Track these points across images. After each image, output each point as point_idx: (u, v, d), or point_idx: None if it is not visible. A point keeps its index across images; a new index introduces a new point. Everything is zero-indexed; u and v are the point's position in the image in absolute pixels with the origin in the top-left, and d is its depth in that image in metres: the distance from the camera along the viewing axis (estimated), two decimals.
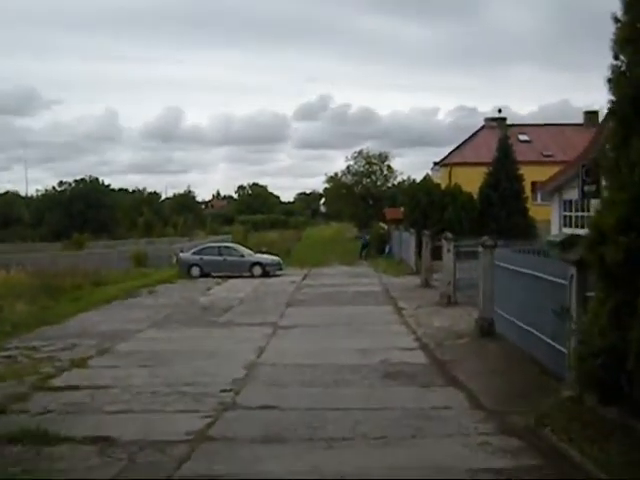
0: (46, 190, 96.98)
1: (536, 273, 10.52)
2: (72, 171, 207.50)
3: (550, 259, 10.97)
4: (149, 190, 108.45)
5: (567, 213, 28.37)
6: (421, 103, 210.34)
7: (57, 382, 10.55)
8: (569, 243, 23.45)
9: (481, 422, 7.93)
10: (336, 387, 9.96)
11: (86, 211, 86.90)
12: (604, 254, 6.48)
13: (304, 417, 8.20)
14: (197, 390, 9.79)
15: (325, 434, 7.50)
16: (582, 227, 25.79)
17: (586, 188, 24.24)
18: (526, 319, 11.16)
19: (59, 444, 7.21)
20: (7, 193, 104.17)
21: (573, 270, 8.38)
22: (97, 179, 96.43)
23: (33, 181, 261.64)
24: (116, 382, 10.42)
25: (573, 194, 26.49)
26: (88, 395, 9.60)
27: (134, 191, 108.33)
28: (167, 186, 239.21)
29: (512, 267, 12.06)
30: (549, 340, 9.78)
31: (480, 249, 13.74)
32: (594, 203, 24.45)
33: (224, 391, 9.70)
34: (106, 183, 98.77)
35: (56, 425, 7.84)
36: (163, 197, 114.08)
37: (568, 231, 26.82)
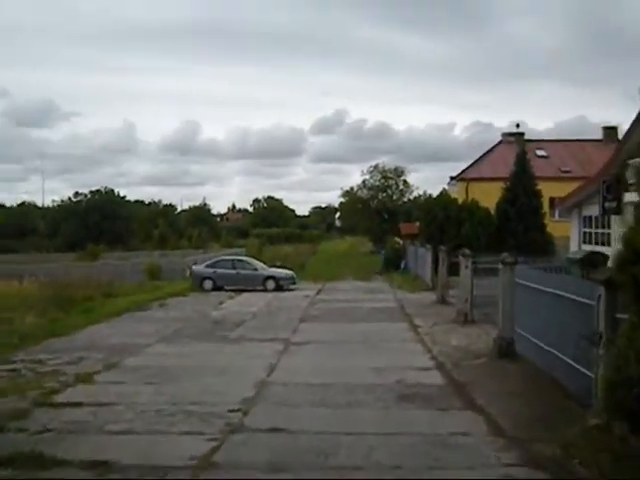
0: (62, 201, 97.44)
1: (560, 292, 10.03)
2: (89, 182, 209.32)
3: (575, 277, 10.52)
4: (165, 202, 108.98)
5: (587, 230, 27.81)
6: (437, 118, 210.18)
7: (60, 398, 10.19)
8: (589, 260, 22.97)
9: (503, 451, 7.42)
10: (349, 409, 9.51)
11: (102, 222, 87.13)
12: (638, 274, 6.03)
13: (314, 442, 7.75)
14: (204, 409, 9.39)
15: (336, 462, 7.03)
16: (602, 244, 25.25)
17: (607, 204, 23.74)
18: (548, 340, 10.67)
19: (54, 468, 6.78)
20: (23, 204, 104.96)
21: (601, 290, 7.88)
22: (112, 190, 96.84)
23: (50, 192, 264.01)
24: (121, 399, 10.05)
25: (593, 210, 25.96)
26: (91, 413, 9.22)
27: (150, 203, 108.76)
28: (183, 198, 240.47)
29: (534, 285, 11.59)
30: (572, 362, 9.31)
31: (500, 266, 13.26)
32: (615, 219, 23.99)
33: (232, 411, 9.28)
34: (122, 195, 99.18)
35: (54, 446, 7.46)
36: (179, 209, 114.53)
37: (588, 248, 26.26)
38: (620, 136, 36.26)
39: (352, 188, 70.90)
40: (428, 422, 8.78)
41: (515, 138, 43.38)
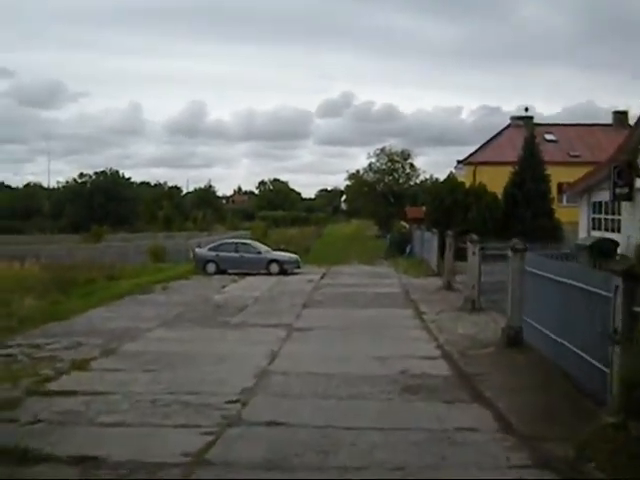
0: (67, 182, 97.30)
1: (572, 282, 9.62)
2: (95, 164, 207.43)
3: (588, 266, 10.11)
4: (172, 184, 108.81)
5: (596, 215, 27.35)
6: (444, 101, 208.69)
7: (54, 386, 9.88)
8: (599, 247, 22.43)
9: (513, 450, 7.04)
10: (352, 401, 9.16)
11: (106, 204, 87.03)
12: None
13: (315, 438, 7.40)
14: (201, 400, 9.07)
15: (337, 461, 6.67)
16: (612, 231, 24.80)
17: (618, 190, 23.27)
18: (559, 330, 10.28)
19: (38, 464, 6.43)
20: (29, 185, 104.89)
21: (619, 281, 7.46)
22: (117, 172, 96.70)
23: (56, 173, 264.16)
24: (116, 388, 9.73)
25: (603, 196, 25.49)
26: (84, 403, 8.90)
27: (156, 185, 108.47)
28: (189, 180, 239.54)
29: (545, 274, 11.18)
30: (585, 355, 8.93)
31: (509, 253, 12.85)
32: (625, 206, 23.53)
33: (230, 402, 8.96)
34: (128, 176, 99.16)
35: (42, 439, 7.14)
36: (185, 191, 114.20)
37: (597, 234, 25.82)
38: (631, 121, 35.76)
39: (358, 171, 70.46)
40: (434, 416, 8.42)
41: (524, 122, 42.65)
